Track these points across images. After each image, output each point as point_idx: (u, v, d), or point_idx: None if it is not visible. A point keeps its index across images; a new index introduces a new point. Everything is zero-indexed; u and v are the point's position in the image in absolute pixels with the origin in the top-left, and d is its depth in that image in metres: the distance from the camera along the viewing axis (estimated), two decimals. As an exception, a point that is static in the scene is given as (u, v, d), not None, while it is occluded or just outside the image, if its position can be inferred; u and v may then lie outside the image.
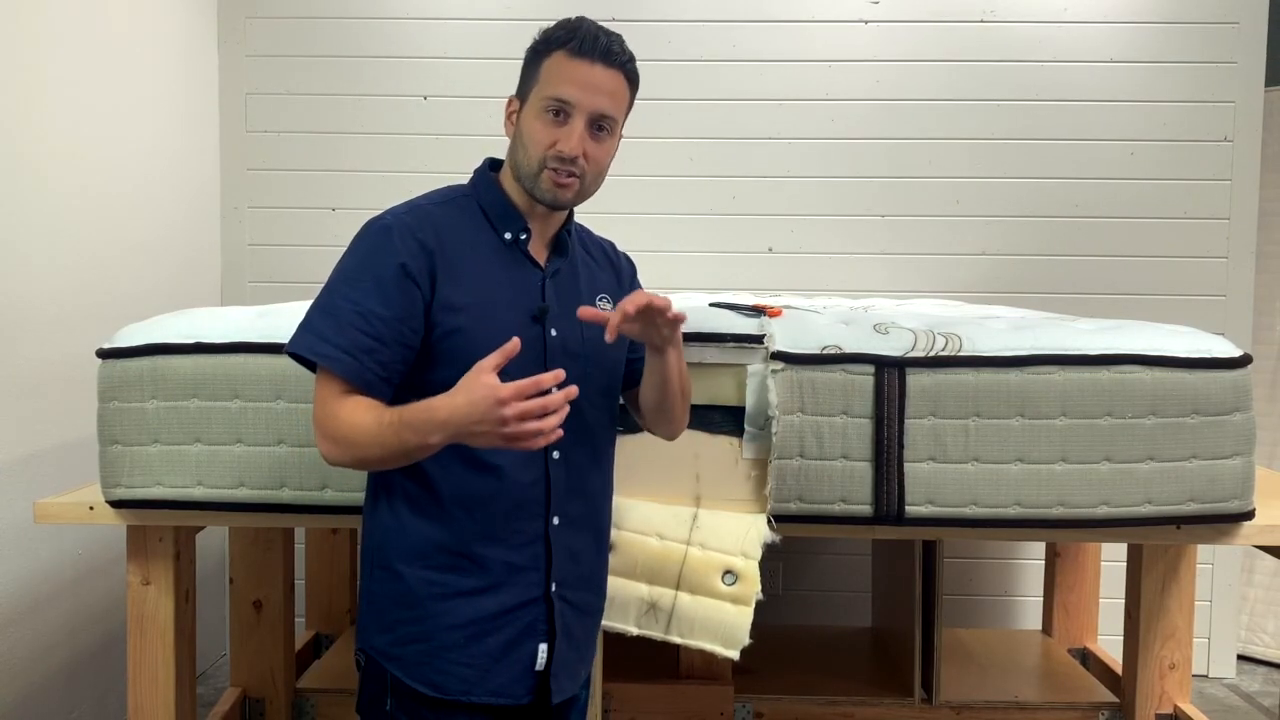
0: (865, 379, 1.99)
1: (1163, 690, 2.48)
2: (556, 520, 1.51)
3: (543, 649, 1.50)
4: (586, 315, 1.41)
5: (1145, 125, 3.56)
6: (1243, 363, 2.00)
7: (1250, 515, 2.05)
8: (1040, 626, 3.33)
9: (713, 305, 2.17)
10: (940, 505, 2.00)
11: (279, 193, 3.64)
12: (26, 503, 2.51)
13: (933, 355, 2.00)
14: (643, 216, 3.58)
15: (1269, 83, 3.57)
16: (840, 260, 3.62)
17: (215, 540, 3.36)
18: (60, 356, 2.67)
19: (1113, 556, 3.25)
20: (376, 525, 1.51)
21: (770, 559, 2.00)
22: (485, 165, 1.57)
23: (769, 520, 2.01)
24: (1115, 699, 2.69)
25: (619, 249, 1.72)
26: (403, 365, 1.43)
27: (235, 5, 3.60)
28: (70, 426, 2.71)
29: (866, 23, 3.58)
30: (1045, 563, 3.26)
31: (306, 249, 3.62)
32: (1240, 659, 3.73)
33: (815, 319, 2.13)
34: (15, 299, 2.51)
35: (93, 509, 2.06)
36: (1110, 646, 3.00)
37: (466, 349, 1.40)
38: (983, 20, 3.57)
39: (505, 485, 1.46)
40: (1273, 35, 3.57)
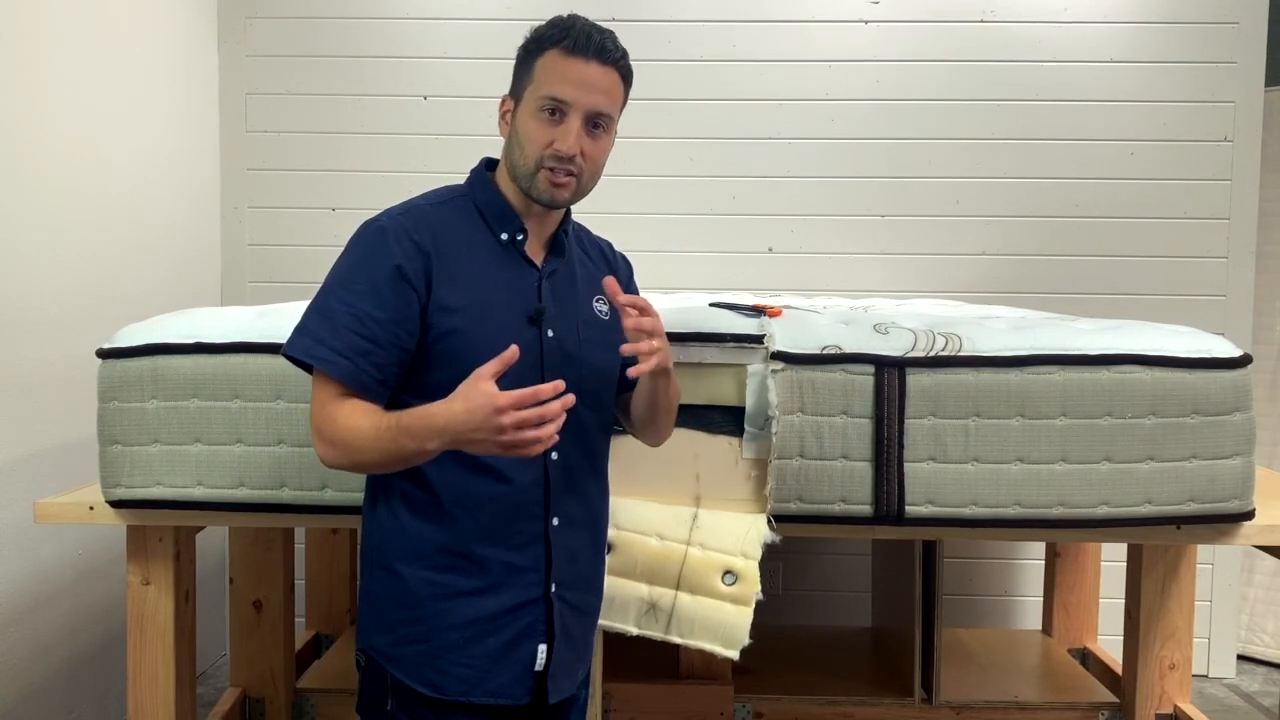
0: (865, 379, 1.99)
1: (1163, 690, 2.48)
2: (556, 521, 1.50)
3: (542, 649, 1.50)
4: (611, 287, 1.40)
5: (1145, 125, 3.56)
6: (1243, 363, 2.00)
7: (1250, 515, 2.05)
8: (1040, 626, 3.33)
9: (713, 305, 2.17)
10: (940, 505, 2.00)
11: (279, 193, 3.64)
12: (26, 503, 2.51)
13: (933, 355, 2.00)
14: (642, 216, 3.58)
15: (1269, 83, 3.57)
16: (840, 260, 3.62)
17: (215, 540, 3.36)
18: (60, 356, 2.67)
19: (1113, 556, 3.25)
20: (376, 526, 1.51)
21: (770, 559, 2.00)
22: (481, 165, 1.56)
23: (769, 520, 2.01)
24: (1115, 699, 2.69)
25: (616, 249, 1.71)
26: (398, 368, 1.43)
27: (235, 5, 3.60)
28: (70, 426, 2.71)
29: (866, 23, 3.58)
30: (1045, 563, 3.26)
31: (306, 249, 3.62)
32: (1240, 659, 3.73)
33: (815, 319, 2.13)
34: (15, 299, 2.51)
35: (93, 509, 2.06)
36: (1110, 646, 3.00)
37: (463, 350, 1.40)
38: (983, 20, 3.57)
39: (505, 487, 1.46)
40: (1273, 35, 3.57)
